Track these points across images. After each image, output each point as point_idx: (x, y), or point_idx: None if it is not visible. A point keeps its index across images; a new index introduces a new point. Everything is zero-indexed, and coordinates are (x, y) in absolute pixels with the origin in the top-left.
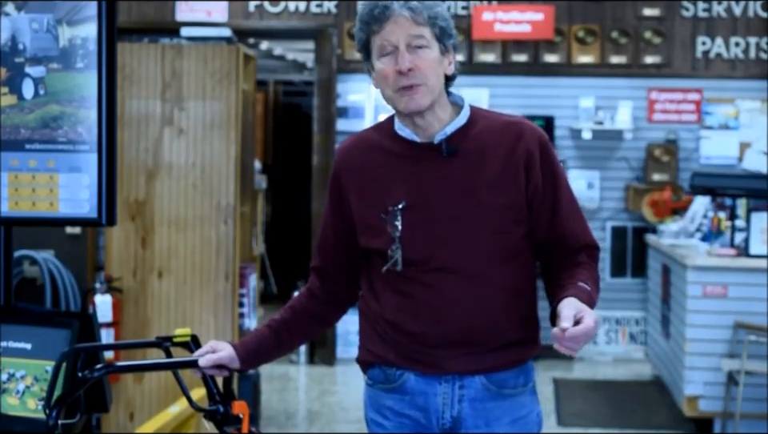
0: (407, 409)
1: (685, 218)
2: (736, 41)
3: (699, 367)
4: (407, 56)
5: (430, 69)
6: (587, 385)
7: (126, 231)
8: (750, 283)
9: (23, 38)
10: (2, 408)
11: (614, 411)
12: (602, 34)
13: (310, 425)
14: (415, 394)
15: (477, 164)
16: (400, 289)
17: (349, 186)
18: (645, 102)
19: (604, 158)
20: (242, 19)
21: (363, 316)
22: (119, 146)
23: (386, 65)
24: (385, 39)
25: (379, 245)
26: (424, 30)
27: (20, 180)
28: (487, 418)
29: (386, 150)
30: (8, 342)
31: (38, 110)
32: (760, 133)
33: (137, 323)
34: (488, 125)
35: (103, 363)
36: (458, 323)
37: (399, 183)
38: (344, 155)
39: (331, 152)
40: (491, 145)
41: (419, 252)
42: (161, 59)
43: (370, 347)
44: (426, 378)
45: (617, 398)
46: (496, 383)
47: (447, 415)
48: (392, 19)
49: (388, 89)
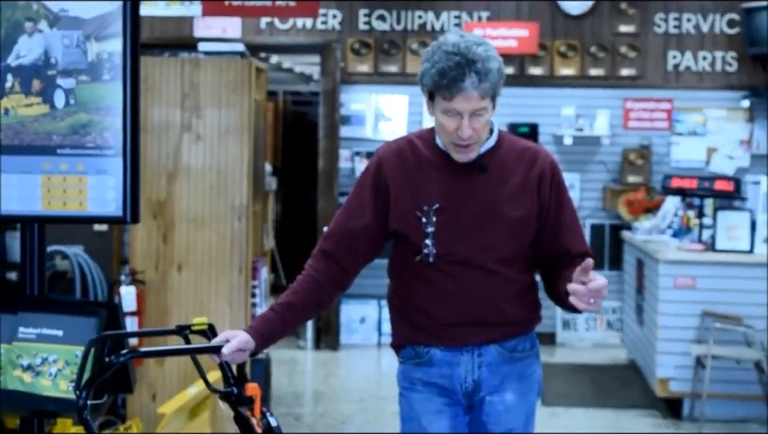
0: (435, 378)
1: (657, 216)
2: (704, 55)
3: (670, 352)
4: (468, 125)
5: (484, 129)
6: (569, 368)
7: (148, 228)
8: (716, 276)
9: (55, 52)
10: (36, 389)
11: (593, 392)
12: (581, 48)
13: (316, 405)
14: (442, 365)
15: (500, 179)
16: (428, 278)
17: (390, 178)
18: (621, 110)
19: (584, 161)
20: (254, 35)
21: (393, 308)
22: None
23: (449, 124)
24: (453, 107)
25: (413, 237)
26: (486, 102)
27: (52, 182)
28: (501, 377)
29: (426, 157)
30: (42, 329)
31: (69, 118)
32: (725, 139)
33: (158, 313)
34: (510, 148)
35: (128, 349)
36: (474, 307)
37: (435, 188)
38: (389, 152)
39: (336, 157)
40: (512, 165)
41: (447, 247)
42: (180, 71)
43: (401, 333)
44: (450, 351)
45: (596, 380)
46: (508, 349)
47: (469, 379)
48: (462, 95)
49: (446, 138)
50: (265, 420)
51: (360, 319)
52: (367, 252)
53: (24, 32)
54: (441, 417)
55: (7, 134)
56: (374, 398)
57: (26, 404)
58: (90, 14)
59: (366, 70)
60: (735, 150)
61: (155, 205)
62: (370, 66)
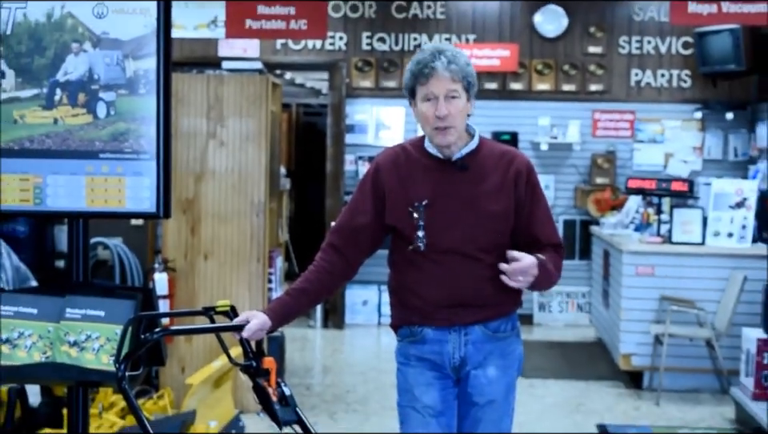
0: (426, 354)
1: (621, 213)
2: (662, 72)
3: (632, 331)
4: (444, 105)
5: (458, 115)
6: (544, 345)
7: (178, 223)
8: (672, 265)
9: (98, 69)
10: (81, 362)
11: (566, 365)
12: (556, 66)
13: (324, 377)
14: (433, 343)
15: (480, 178)
16: (419, 265)
17: (387, 181)
18: (590, 120)
19: (557, 165)
20: (271, 54)
21: (392, 293)
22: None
23: (428, 109)
24: (429, 90)
25: (406, 230)
26: (458, 86)
27: (95, 182)
28: (485, 354)
29: (416, 160)
30: (86, 310)
31: (109, 126)
32: (681, 146)
33: (187, 296)
34: (490, 151)
35: (161, 328)
36: (460, 290)
37: (424, 187)
38: (387, 157)
39: (341, 161)
40: (492, 166)
41: (435, 238)
42: (206, 86)
43: (398, 315)
44: (440, 330)
45: (567, 355)
46: (491, 329)
47: (457, 355)
48: (435, 77)
49: (427, 126)
50: (279, 390)
51: (363, 302)
52: (369, 245)
53: (71, 52)
54: (431, 389)
55: (56, 140)
56: (375, 371)
57: (72, 375)
58: (128, 36)
59: (368, 85)
60: (689, 156)
61: (184, 202)
62: (372, 81)
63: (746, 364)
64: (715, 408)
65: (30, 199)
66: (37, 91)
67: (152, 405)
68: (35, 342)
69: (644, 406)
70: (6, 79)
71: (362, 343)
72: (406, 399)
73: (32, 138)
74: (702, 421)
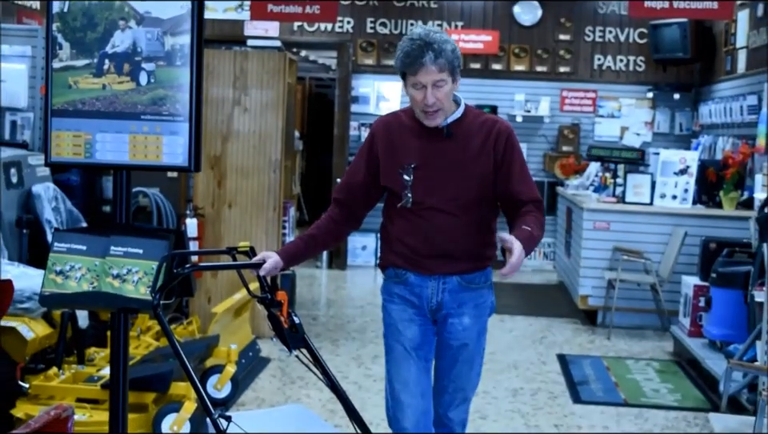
0: (408, 295)
1: (583, 176)
2: (620, 58)
3: (589, 277)
4: (431, 94)
5: (445, 98)
6: (514, 286)
7: (207, 176)
8: (624, 221)
9: (141, 43)
10: (123, 292)
11: (532, 304)
12: (531, 51)
13: (329, 309)
14: (414, 286)
15: (464, 143)
16: (408, 218)
17: (380, 145)
18: (558, 98)
19: (530, 135)
20: (289, 35)
21: (382, 238)
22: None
23: (416, 94)
24: (417, 80)
25: (396, 188)
26: (444, 75)
27: (137, 140)
28: (459, 302)
29: (408, 126)
30: (127, 248)
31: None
32: (634, 120)
33: (213, 238)
34: (474, 118)
35: (190, 264)
36: (441, 242)
37: (413, 150)
38: (381, 124)
39: (347, 127)
40: (475, 131)
41: (421, 196)
42: (233, 61)
43: (386, 257)
44: (421, 277)
45: (533, 295)
46: (467, 280)
47: (434, 300)
48: (424, 70)
49: (417, 108)
50: (290, 319)
51: (362, 247)
52: (367, 200)
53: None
54: (412, 324)
55: (104, 103)
56: (371, 305)
57: (115, 303)
58: (167, 16)
59: (370, 62)
60: (641, 129)
61: (212, 159)
62: (374, 60)
63: (684, 306)
64: (657, 343)
65: (81, 153)
66: (88, 61)
67: (182, 330)
68: (84, 274)
69: (597, 340)
70: (62, 50)
71: (360, 281)
72: (391, 332)
73: (84, 101)
74: (645, 353)
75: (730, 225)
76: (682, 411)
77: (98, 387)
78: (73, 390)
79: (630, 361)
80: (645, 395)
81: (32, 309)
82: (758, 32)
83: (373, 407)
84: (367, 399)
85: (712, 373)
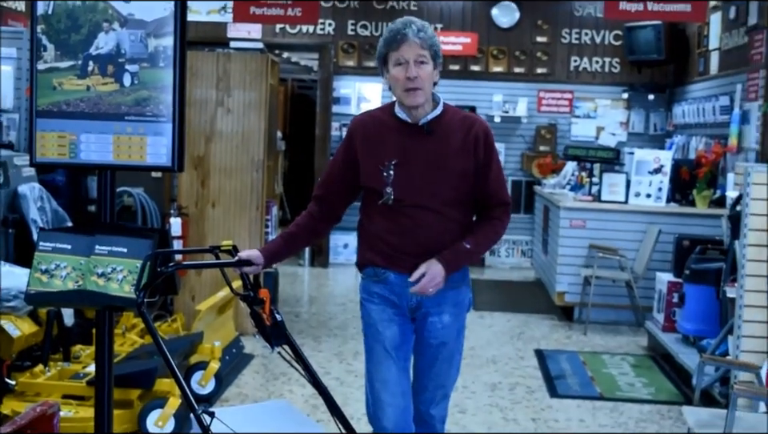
0: (388, 295)
1: (559, 175)
2: (596, 60)
3: (566, 274)
4: (414, 68)
5: (426, 78)
6: (493, 283)
7: (191, 176)
8: (600, 219)
9: (124, 45)
10: (108, 290)
11: (510, 300)
12: (508, 52)
13: (311, 306)
14: (394, 285)
15: (444, 140)
16: (388, 216)
17: (359, 143)
18: (536, 98)
19: (508, 135)
20: (271, 37)
21: (360, 236)
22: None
23: (399, 72)
24: (400, 55)
25: (377, 186)
26: (426, 52)
27: (121, 140)
28: (439, 300)
29: (387, 124)
30: (112, 247)
31: (134, 94)
32: (610, 121)
33: (197, 237)
34: (453, 116)
35: (174, 263)
36: (422, 240)
37: (393, 147)
38: (358, 123)
39: (328, 127)
40: (454, 130)
41: (402, 193)
42: (216, 62)
43: (365, 255)
44: (401, 276)
45: (511, 292)
46: (446, 278)
47: (414, 299)
48: (406, 43)
49: (398, 89)
50: (273, 316)
51: (344, 245)
52: (346, 196)
53: (102, 30)
54: (392, 324)
55: (88, 104)
56: (352, 302)
57: (100, 301)
58: (151, 18)
59: (351, 64)
60: (616, 129)
61: (196, 159)
62: (355, 61)
63: (658, 302)
64: (632, 338)
65: (66, 153)
66: (73, 63)
67: (166, 327)
68: (69, 272)
69: (574, 335)
70: (47, 52)
71: (342, 279)
72: (371, 333)
73: (68, 102)
74: (620, 348)
75: (702, 223)
76: (656, 404)
77: (83, 383)
78: (59, 387)
79: (605, 356)
80: (620, 389)
81: (18, 307)
82: (731, 34)
83: (354, 402)
84: (349, 394)
85: (685, 367)
